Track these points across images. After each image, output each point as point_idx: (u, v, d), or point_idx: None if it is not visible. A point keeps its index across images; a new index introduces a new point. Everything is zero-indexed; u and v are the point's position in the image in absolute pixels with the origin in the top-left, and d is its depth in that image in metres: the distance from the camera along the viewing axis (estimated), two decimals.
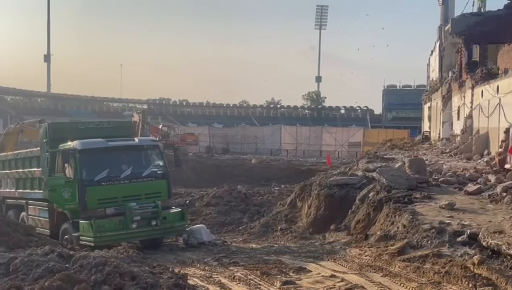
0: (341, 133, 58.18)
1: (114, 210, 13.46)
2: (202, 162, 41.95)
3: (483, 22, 25.50)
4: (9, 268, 8.21)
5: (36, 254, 8.51)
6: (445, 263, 9.06)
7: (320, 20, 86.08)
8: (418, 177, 16.09)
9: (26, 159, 16.40)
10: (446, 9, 37.64)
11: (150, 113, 57.21)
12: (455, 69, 29.88)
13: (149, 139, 19.44)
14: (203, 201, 22.43)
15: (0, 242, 10.64)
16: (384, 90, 76.76)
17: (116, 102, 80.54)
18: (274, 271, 10.27)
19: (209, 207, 21.57)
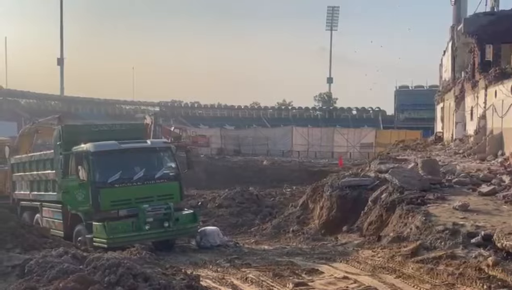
0: (353, 134, 58.01)
1: (127, 212, 13.51)
2: (213, 163, 42.02)
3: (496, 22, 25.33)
4: (24, 269, 8.28)
5: (50, 255, 8.58)
6: (459, 265, 9.00)
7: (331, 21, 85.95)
8: (431, 178, 15.99)
9: (40, 161, 16.54)
10: (458, 9, 37.41)
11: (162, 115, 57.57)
12: (468, 69, 29.69)
13: (161, 141, 19.57)
14: (215, 202, 22.43)
15: (15, 244, 10.74)
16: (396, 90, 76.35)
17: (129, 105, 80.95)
18: (287, 272, 10.28)
19: (221, 208, 21.59)
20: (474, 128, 25.87)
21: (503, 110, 20.94)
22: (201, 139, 55.13)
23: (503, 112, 20.86)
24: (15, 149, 19.91)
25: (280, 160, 48.23)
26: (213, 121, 71.78)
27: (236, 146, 58.16)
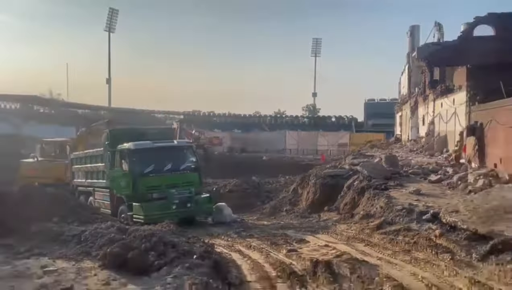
0: (332, 137, 57.88)
1: (159, 195, 13.53)
2: (225, 159, 41.84)
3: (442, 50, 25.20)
4: (81, 238, 8.33)
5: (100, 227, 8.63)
6: (413, 236, 9.02)
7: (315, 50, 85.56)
8: (392, 170, 16.01)
9: (93, 157, 16.59)
10: (413, 40, 37.34)
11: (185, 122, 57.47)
12: (420, 86, 29.64)
13: (185, 141, 19.55)
14: (226, 188, 22.47)
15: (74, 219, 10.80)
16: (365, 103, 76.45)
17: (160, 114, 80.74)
18: (281, 241, 10.32)
19: (231, 193, 21.62)
20: (425, 131, 25.87)
21: (447, 117, 20.94)
22: (216, 140, 54.94)
23: (447, 119, 20.86)
24: (74, 147, 19.95)
25: (276, 156, 48.15)
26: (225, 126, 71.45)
27: (242, 146, 58.01)
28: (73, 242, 8.29)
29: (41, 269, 6.95)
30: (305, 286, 6.73)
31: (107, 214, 14.06)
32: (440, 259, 7.67)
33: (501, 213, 8.41)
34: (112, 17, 74.60)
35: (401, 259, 7.97)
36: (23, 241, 9.03)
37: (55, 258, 7.60)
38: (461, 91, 19.30)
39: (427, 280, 6.65)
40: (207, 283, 6.00)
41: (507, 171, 13.09)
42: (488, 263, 7.10)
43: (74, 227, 9.44)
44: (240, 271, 7.85)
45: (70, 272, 6.76)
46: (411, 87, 34.27)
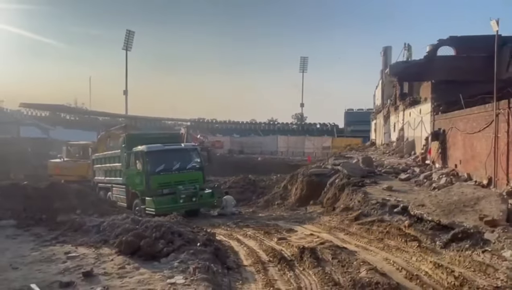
0: (317, 141, 57.78)
1: (168, 191, 13.46)
2: (225, 159, 41.78)
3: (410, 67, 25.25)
4: (100, 228, 8.26)
5: (117, 219, 8.55)
6: (386, 226, 9.01)
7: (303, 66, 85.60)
8: (368, 169, 16.03)
9: (112, 157, 16.49)
10: (385, 58, 37.44)
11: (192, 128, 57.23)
12: (392, 98, 29.73)
13: (191, 144, 19.45)
14: (226, 185, 22.37)
15: (94, 211, 10.73)
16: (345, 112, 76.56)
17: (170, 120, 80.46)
18: (273, 231, 10.27)
19: (230, 189, 21.46)
20: (396, 137, 25.91)
21: (414, 125, 21.00)
22: (217, 143, 54.83)
23: (415, 126, 20.91)
24: (95, 149, 19.82)
25: (269, 157, 48.07)
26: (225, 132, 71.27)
27: (240, 148, 57.91)
28: (93, 232, 8.22)
29: (65, 255, 6.88)
30: (293, 269, 6.69)
31: (123, 207, 14.00)
32: (409, 246, 7.66)
33: (460, 206, 8.43)
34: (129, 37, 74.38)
35: (376, 246, 7.96)
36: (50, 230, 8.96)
37: (77, 245, 7.53)
38: (426, 102, 19.37)
39: (398, 264, 6.64)
40: (209, 267, 5.96)
41: (465, 171, 13.14)
42: (450, 249, 7.10)
43: (94, 219, 9.38)
44: (237, 256, 7.80)
45: (90, 257, 6.71)
46: (384, 99, 34.37)
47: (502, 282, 5.40)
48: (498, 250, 6.45)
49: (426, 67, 23.81)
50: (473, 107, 12.88)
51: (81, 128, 56.46)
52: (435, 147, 16.26)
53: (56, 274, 5.90)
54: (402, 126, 24.33)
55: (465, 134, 13.26)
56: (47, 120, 60.89)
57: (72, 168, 21.67)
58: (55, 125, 57.23)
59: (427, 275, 6.04)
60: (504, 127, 10.43)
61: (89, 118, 68.81)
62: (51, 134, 50.13)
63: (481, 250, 6.61)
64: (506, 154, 10.31)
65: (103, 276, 5.76)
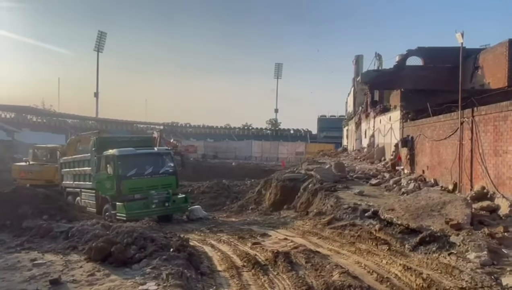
0: (291, 146, 58.37)
1: (140, 196, 13.18)
2: (199, 164, 41.47)
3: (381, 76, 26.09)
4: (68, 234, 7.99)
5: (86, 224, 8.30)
6: (357, 230, 9.13)
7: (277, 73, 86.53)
8: (340, 174, 16.26)
9: (81, 161, 15.99)
10: (357, 67, 38.44)
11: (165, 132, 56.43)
12: (363, 105, 30.44)
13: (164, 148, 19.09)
14: (199, 190, 22.12)
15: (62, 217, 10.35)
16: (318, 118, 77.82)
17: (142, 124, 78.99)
18: (247, 235, 10.23)
19: (204, 194, 21.32)
20: (367, 143, 26.49)
21: (385, 131, 21.55)
22: (191, 148, 54.33)
23: (385, 133, 21.47)
24: (63, 153, 19.16)
25: (243, 162, 48.04)
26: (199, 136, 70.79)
27: (214, 153, 57.60)
28: (61, 238, 7.94)
29: (31, 262, 6.60)
30: (267, 274, 6.70)
31: (93, 213, 13.59)
32: (379, 249, 7.81)
33: (428, 211, 8.68)
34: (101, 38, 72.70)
35: (348, 250, 8.07)
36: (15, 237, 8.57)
37: (44, 252, 7.24)
38: (396, 110, 19.94)
39: (369, 267, 6.77)
40: (182, 273, 5.87)
41: (432, 176, 13.60)
42: (418, 252, 7.29)
43: (62, 224, 9.05)
44: (211, 262, 7.73)
45: (58, 264, 6.46)
46: (356, 106, 35.15)
47: (467, 283, 5.62)
48: (463, 252, 6.71)
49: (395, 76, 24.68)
50: (440, 115, 13.39)
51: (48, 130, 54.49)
52: (404, 153, 16.74)
53: (21, 282, 5.64)
54: (373, 132, 24.92)
55: (432, 141, 13.75)
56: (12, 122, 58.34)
57: (38, 172, 20.83)
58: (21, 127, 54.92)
59: (397, 278, 6.20)
60: (468, 135, 10.91)
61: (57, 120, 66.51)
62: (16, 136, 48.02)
63: (447, 253, 6.85)
64: (470, 160, 10.78)
65: (71, 284, 5.56)
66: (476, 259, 6.31)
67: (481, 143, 10.21)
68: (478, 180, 10.38)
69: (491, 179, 9.67)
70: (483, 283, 5.52)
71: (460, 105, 11.72)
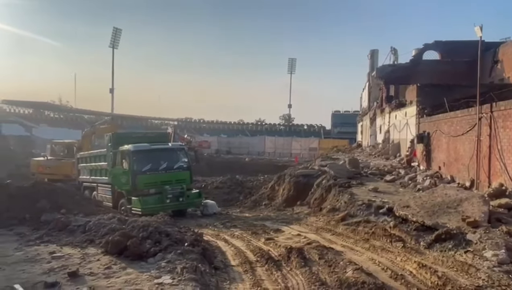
0: (304, 142, 58.13)
1: (155, 190, 13.36)
2: (212, 160, 41.69)
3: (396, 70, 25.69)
4: (86, 227, 8.16)
5: (103, 218, 8.47)
6: (372, 226, 9.10)
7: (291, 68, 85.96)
8: (354, 170, 16.16)
9: (97, 156, 16.28)
10: (372, 62, 37.90)
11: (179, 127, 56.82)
12: (378, 100, 30.10)
13: (178, 144, 19.34)
14: (213, 185, 22.27)
15: (79, 211, 10.57)
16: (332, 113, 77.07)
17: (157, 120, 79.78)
18: (260, 231, 10.28)
19: (217, 189, 21.45)
20: (381, 139, 26.22)
21: (400, 127, 21.29)
22: (205, 143, 54.67)
23: (400, 128, 21.21)
24: (79, 147, 19.54)
25: (256, 158, 48.11)
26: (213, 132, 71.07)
27: (227, 148, 57.81)
28: (79, 231, 8.12)
29: (50, 255, 6.78)
30: (280, 269, 6.73)
31: (109, 207, 13.84)
32: (394, 246, 7.76)
33: (444, 208, 8.58)
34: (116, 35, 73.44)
35: (362, 247, 8.05)
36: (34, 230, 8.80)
37: (62, 245, 7.43)
38: (412, 105, 19.67)
39: (383, 264, 6.73)
40: (196, 267, 5.95)
41: (449, 173, 13.39)
42: (433, 250, 7.22)
43: (79, 218, 9.25)
44: (225, 256, 7.80)
45: (76, 257, 6.62)
46: (370, 101, 34.78)
47: (483, 281, 5.54)
48: (480, 250, 6.61)
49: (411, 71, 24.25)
50: (457, 111, 13.15)
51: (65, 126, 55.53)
52: (419, 150, 16.52)
53: (40, 274, 5.81)
54: (388, 128, 24.65)
55: (449, 137, 13.52)
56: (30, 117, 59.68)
57: (56, 167, 21.31)
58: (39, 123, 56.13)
59: (412, 275, 6.15)
60: (486, 131, 10.69)
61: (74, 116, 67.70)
62: (34, 132, 49.14)
63: (464, 251, 6.76)
64: (488, 157, 10.57)
65: (89, 276, 5.69)
66: (493, 257, 6.22)
67: (499, 139, 9.99)
68: (496, 177, 10.17)
69: (509, 176, 9.47)
70: (500, 282, 5.43)
71: (478, 100, 11.48)
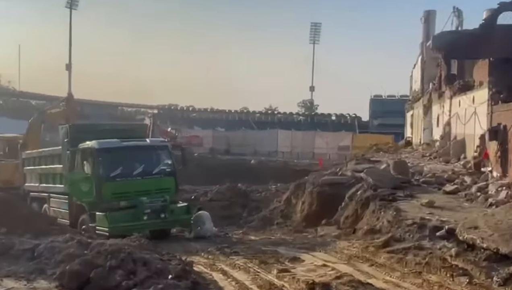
0: (332, 138, 57.96)
1: (127, 203, 13.46)
2: (205, 161, 41.75)
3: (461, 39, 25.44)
4: (34, 253, 8.22)
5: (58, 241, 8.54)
6: (425, 255, 9.05)
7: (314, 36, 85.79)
8: (401, 178, 16.06)
9: (49, 156, 16.41)
10: (427, 27, 37.56)
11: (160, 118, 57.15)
12: (435, 81, 29.88)
13: (159, 140, 19.45)
14: (206, 196, 22.28)
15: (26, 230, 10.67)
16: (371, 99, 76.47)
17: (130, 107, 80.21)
18: (271, 260, 10.26)
19: (212, 202, 21.43)
20: (440, 134, 26.05)
21: (465, 118, 21.11)
22: (195, 139, 54.88)
23: (466, 120, 21.03)
24: (24, 144, 19.68)
25: (266, 160, 48.07)
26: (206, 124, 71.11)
27: (226, 146, 57.95)
28: (25, 258, 8.19)
29: None
30: None
31: (65, 225, 13.94)
32: (456, 282, 7.74)
33: None
34: None
35: (411, 282, 8.02)
36: None
37: (2, 277, 7.50)
38: (482, 88, 19.48)
39: None
40: None
41: None
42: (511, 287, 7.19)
43: (26, 240, 9.32)
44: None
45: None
46: (424, 82, 34.55)
47: None
48: None
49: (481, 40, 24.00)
50: None
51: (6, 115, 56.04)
52: (492, 149, 16.39)
53: None
54: (449, 119, 24.50)
55: None
56: None
57: None
58: None
59: None
60: None
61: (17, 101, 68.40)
62: None
63: None
64: None
65: None
66: None
67: None
68: None
69: None
70: None
71: None
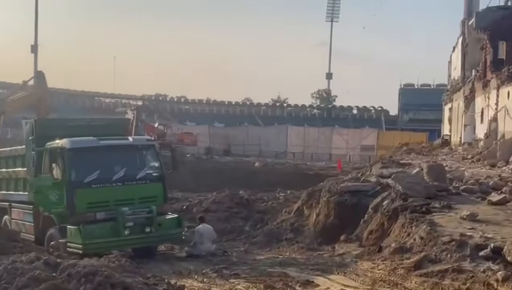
0: (353, 135, 58.13)
1: (105, 215, 13.47)
2: (201, 164, 41.95)
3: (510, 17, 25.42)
4: None
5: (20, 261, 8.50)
6: (466, 279, 9.02)
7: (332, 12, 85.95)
8: (437, 185, 16.02)
9: (10, 158, 16.43)
10: (470, 2, 37.54)
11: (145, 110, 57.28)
12: (479, 67, 29.84)
13: (144, 138, 19.50)
14: (201, 206, 22.31)
15: None
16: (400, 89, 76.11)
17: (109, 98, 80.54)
18: (279, 284, 10.28)
19: (208, 213, 21.44)
20: (484, 132, 26.00)
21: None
22: (188, 137, 55.04)
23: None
24: None
25: (273, 162, 48.21)
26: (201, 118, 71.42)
27: (225, 146, 58.14)
28: None
29: None
30: None
31: (30, 241, 13.97)
32: None
33: None
34: None
35: None
36: None
37: None
38: None
39: None
40: None
41: None
42: None
43: None
44: None
45: None
46: (465, 69, 34.50)
47: None
48: None
49: None
50: None
51: None
52: None
53: None
54: (495, 114, 24.45)
55: None
56: None
57: None
58: None
59: None
60: None
61: None
62: None
63: None
64: None
65: None
66: None
67: None
68: None
69: None
70: None
71: None
